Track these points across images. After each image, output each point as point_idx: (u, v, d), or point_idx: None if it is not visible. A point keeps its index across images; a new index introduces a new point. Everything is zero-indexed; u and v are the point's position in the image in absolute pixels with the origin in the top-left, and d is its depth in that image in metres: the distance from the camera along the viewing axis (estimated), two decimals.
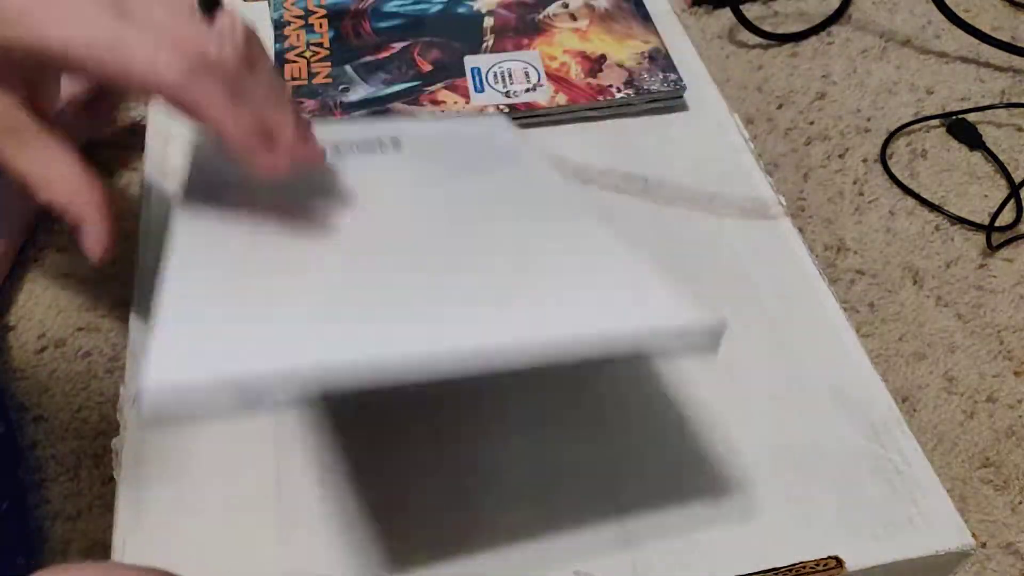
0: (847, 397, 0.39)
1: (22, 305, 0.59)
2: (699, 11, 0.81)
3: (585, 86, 0.51)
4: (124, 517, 0.36)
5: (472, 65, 0.52)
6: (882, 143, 0.70)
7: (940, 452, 0.54)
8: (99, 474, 0.51)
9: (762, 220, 0.46)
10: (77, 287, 0.60)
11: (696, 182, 0.48)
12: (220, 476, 0.37)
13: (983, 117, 0.72)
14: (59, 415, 0.53)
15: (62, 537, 0.49)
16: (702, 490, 0.36)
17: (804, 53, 0.78)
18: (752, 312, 0.42)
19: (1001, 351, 0.58)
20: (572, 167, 0.48)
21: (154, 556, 0.35)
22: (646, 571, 0.34)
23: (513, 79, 0.51)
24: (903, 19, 0.81)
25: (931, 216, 0.66)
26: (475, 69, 0.52)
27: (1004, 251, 0.64)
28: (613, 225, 0.35)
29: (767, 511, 0.36)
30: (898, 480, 0.37)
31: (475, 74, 0.52)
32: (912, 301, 0.61)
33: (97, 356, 0.56)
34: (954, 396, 0.56)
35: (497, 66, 0.52)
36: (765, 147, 0.70)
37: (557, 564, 0.34)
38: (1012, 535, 0.51)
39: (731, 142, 0.50)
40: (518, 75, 0.52)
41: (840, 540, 0.35)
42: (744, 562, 0.34)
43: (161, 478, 0.37)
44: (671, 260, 0.44)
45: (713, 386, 0.39)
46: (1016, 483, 0.53)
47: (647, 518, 0.35)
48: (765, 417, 0.38)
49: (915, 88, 0.75)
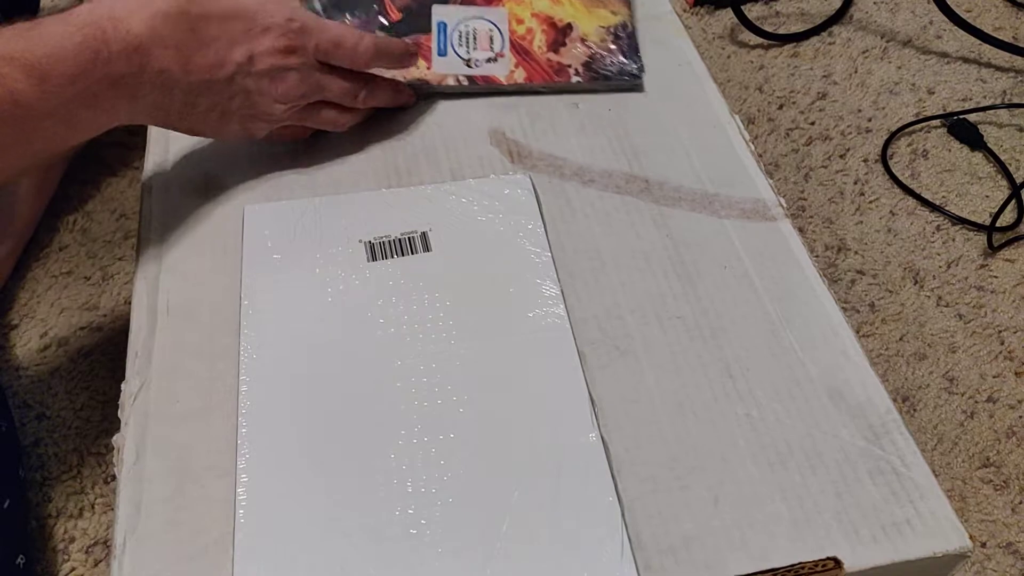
0: (846, 398, 0.39)
1: (25, 304, 0.59)
2: (701, 11, 0.81)
3: (545, 62, 0.52)
4: (124, 515, 0.36)
5: (439, 19, 0.52)
6: (883, 143, 0.70)
7: (940, 452, 0.54)
8: (101, 472, 0.51)
9: (763, 220, 0.46)
10: (79, 286, 0.60)
11: (697, 183, 0.48)
12: (220, 476, 0.37)
13: (984, 117, 0.72)
14: (61, 413, 0.54)
15: (64, 535, 0.49)
16: (702, 490, 0.36)
17: (805, 53, 0.78)
18: (752, 312, 0.42)
19: (1002, 351, 0.58)
20: (574, 168, 0.48)
21: (154, 556, 0.35)
22: (646, 571, 0.34)
23: (477, 43, 0.52)
24: (904, 19, 0.80)
25: (932, 216, 0.66)
26: (441, 24, 0.52)
27: (1005, 251, 0.64)
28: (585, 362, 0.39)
29: (767, 512, 0.36)
30: (897, 482, 0.37)
31: (440, 31, 0.52)
32: (913, 301, 0.61)
33: (99, 355, 0.56)
34: (955, 396, 0.56)
35: (463, 24, 0.52)
36: (766, 147, 0.70)
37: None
38: (1012, 535, 0.51)
39: (732, 142, 0.50)
40: (482, 39, 0.52)
41: (839, 541, 0.35)
42: (744, 562, 0.34)
43: (161, 477, 0.37)
44: (671, 260, 0.44)
45: (713, 386, 0.39)
46: (1016, 483, 0.53)
47: (647, 518, 0.35)
48: (765, 417, 0.39)
49: (916, 88, 0.75)
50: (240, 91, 0.43)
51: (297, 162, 0.48)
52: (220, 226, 0.46)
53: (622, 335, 0.41)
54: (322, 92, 0.46)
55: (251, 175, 0.48)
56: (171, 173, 0.48)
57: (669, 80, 0.53)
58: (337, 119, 0.48)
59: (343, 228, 0.45)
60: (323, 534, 0.35)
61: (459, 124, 0.50)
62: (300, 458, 0.37)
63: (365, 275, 0.43)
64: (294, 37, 0.43)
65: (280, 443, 0.37)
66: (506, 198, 0.46)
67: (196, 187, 0.47)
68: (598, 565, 0.34)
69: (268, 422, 0.38)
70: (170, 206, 0.47)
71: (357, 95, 0.47)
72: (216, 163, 0.48)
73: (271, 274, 0.43)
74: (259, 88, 0.43)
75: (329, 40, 0.44)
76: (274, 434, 0.37)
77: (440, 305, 0.41)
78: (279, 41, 0.43)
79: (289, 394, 0.39)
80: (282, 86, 0.43)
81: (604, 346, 0.41)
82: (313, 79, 0.45)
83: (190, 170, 0.48)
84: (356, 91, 0.47)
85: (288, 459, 0.37)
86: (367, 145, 0.49)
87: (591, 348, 0.41)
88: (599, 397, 0.39)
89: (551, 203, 0.47)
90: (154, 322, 0.42)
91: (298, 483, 0.36)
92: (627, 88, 0.52)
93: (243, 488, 0.36)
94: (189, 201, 0.47)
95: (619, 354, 0.40)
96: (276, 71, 0.43)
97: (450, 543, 0.34)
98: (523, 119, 0.51)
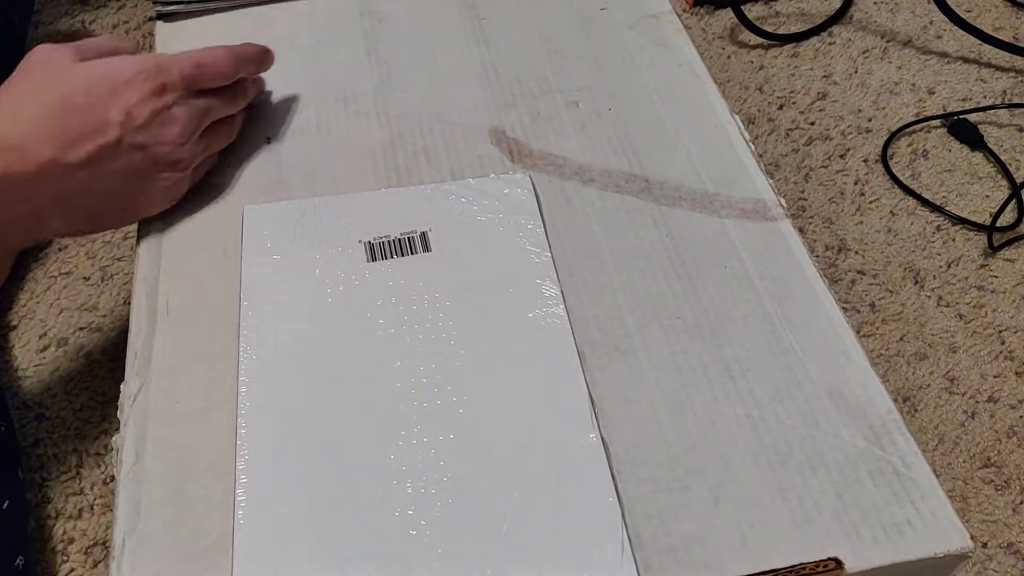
0: (847, 398, 0.39)
1: (24, 304, 0.59)
2: (701, 11, 0.81)
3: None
4: (124, 516, 0.36)
5: None
6: (883, 143, 0.70)
7: (941, 452, 0.54)
8: (100, 473, 0.51)
9: (763, 220, 0.46)
10: (78, 286, 0.60)
11: (697, 182, 0.48)
12: (220, 477, 0.37)
13: (984, 117, 0.72)
14: (61, 414, 0.54)
15: (63, 536, 0.49)
16: (702, 490, 0.36)
17: (805, 53, 0.78)
18: (752, 312, 0.42)
19: (1002, 351, 0.58)
20: (574, 167, 0.48)
21: (153, 556, 0.35)
22: (646, 571, 0.34)
23: None
24: (904, 19, 0.80)
25: (932, 216, 0.66)
26: None
27: (1005, 251, 0.64)
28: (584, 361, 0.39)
29: (767, 512, 0.36)
30: (898, 482, 0.37)
31: None
32: (913, 301, 0.61)
33: (98, 355, 0.56)
34: (955, 396, 0.56)
35: None
36: (766, 147, 0.70)
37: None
38: (1013, 535, 0.51)
39: (732, 142, 0.50)
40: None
41: (840, 542, 0.35)
42: (744, 562, 0.34)
43: (161, 478, 0.37)
44: (671, 260, 0.44)
45: (713, 386, 0.39)
46: (1017, 483, 0.53)
47: (647, 518, 0.35)
48: (765, 417, 0.38)
49: (916, 88, 0.75)
50: (136, 148, 0.42)
51: (297, 162, 0.48)
52: (219, 226, 0.45)
53: (622, 335, 0.41)
54: (209, 114, 0.45)
55: (251, 175, 0.48)
56: None
57: (669, 80, 0.53)
58: (229, 132, 0.48)
59: (343, 228, 0.45)
60: (323, 535, 0.34)
61: (459, 123, 0.50)
62: (300, 459, 0.37)
63: (365, 275, 0.43)
64: (156, 76, 0.42)
65: (280, 444, 0.37)
66: (506, 198, 0.46)
67: (195, 187, 0.47)
68: (598, 565, 0.34)
69: (268, 423, 0.38)
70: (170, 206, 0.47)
71: (236, 100, 0.48)
72: (215, 163, 0.48)
73: (271, 274, 0.43)
74: (154, 139, 0.42)
75: (189, 66, 0.44)
76: (274, 435, 0.37)
77: (440, 305, 0.41)
78: (145, 86, 0.42)
79: (289, 395, 0.39)
80: (175, 127, 0.43)
81: (604, 346, 0.41)
82: (196, 106, 0.44)
83: None
84: (234, 97, 0.47)
85: (288, 460, 0.37)
86: (367, 145, 0.49)
87: (591, 348, 0.41)
88: (599, 397, 0.39)
89: (551, 203, 0.46)
90: (153, 323, 0.42)
91: (298, 484, 0.36)
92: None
93: (243, 489, 0.36)
94: (188, 201, 0.47)
95: (619, 354, 0.40)
96: (159, 114, 0.42)
97: (450, 544, 0.34)
98: (523, 118, 0.51)
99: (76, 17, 0.78)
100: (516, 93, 0.52)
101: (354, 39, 0.56)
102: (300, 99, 0.52)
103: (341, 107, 0.52)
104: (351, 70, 0.54)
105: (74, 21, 0.77)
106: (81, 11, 0.78)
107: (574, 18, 0.57)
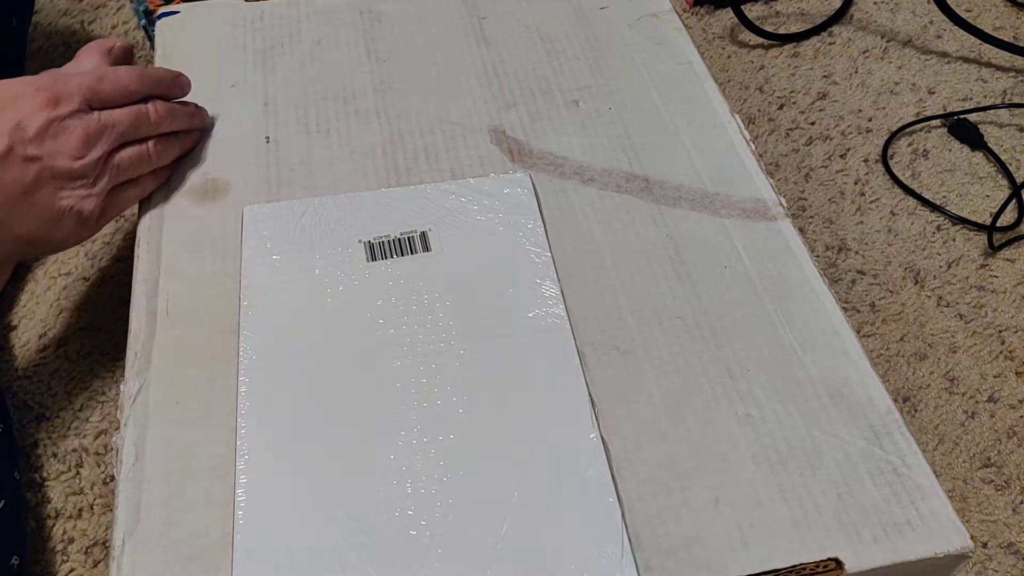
0: (847, 398, 0.39)
1: (24, 305, 0.59)
2: (701, 11, 0.81)
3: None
4: (123, 516, 0.36)
5: None
6: (883, 143, 0.70)
7: (941, 452, 0.54)
8: (100, 473, 0.51)
9: (763, 220, 0.46)
10: (78, 287, 0.60)
11: (697, 182, 0.48)
12: (219, 477, 0.37)
13: (985, 117, 0.72)
14: (60, 414, 0.54)
15: (63, 536, 0.49)
16: (702, 490, 0.36)
17: (805, 53, 0.78)
18: (752, 312, 0.42)
19: (1002, 351, 0.58)
20: (574, 166, 0.48)
21: (153, 557, 0.35)
22: (646, 571, 0.34)
23: None
24: (904, 19, 0.80)
25: (932, 216, 0.66)
26: None
27: (1006, 251, 0.64)
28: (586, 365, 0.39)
29: (767, 512, 0.36)
30: (898, 482, 0.37)
31: None
32: (913, 301, 0.61)
33: (98, 355, 0.56)
34: (955, 396, 0.56)
35: None
36: (766, 147, 0.70)
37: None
38: (1013, 535, 0.51)
39: (732, 142, 0.50)
40: None
41: (840, 542, 0.35)
42: (744, 563, 0.34)
43: (161, 478, 0.37)
44: (671, 260, 0.44)
45: (713, 386, 0.39)
46: (1017, 483, 0.53)
47: (647, 519, 0.35)
48: (765, 417, 0.38)
49: (916, 88, 0.75)
50: (28, 160, 0.40)
51: (296, 162, 0.48)
52: (219, 226, 0.45)
53: (622, 335, 0.41)
54: (113, 128, 0.44)
55: (250, 175, 0.48)
56: (170, 173, 0.48)
57: (669, 79, 0.53)
58: (149, 159, 0.46)
59: (342, 228, 0.45)
60: (323, 535, 0.34)
61: (459, 123, 0.50)
62: (299, 459, 0.37)
63: (365, 275, 0.43)
64: (50, 88, 0.42)
65: (280, 444, 0.37)
66: (506, 197, 0.46)
67: (195, 187, 0.47)
68: (598, 565, 0.34)
69: (267, 423, 0.38)
70: (169, 206, 0.47)
71: (149, 116, 0.45)
72: (215, 163, 0.48)
73: (270, 275, 0.43)
74: (47, 150, 0.41)
75: (90, 79, 0.43)
76: (274, 435, 0.37)
77: (440, 305, 0.41)
78: (37, 97, 0.41)
79: (288, 395, 0.39)
80: (71, 138, 0.42)
81: (604, 346, 0.41)
82: (96, 120, 0.43)
83: (189, 170, 0.48)
84: (146, 113, 0.45)
85: (288, 460, 0.37)
86: (367, 145, 0.49)
87: (591, 348, 0.41)
88: (599, 397, 0.39)
89: (551, 202, 0.46)
90: (153, 323, 0.42)
91: (298, 484, 0.36)
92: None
93: (242, 489, 0.36)
94: (188, 201, 0.47)
95: (619, 354, 0.40)
96: (52, 125, 0.41)
97: (450, 544, 0.34)
98: (523, 118, 0.51)
99: (76, 18, 0.78)
100: (516, 93, 0.52)
101: (354, 39, 0.56)
102: (300, 99, 0.52)
103: (341, 107, 0.52)
104: (351, 70, 0.54)
105: (73, 22, 0.77)
106: (81, 12, 0.78)
107: (574, 18, 0.58)
